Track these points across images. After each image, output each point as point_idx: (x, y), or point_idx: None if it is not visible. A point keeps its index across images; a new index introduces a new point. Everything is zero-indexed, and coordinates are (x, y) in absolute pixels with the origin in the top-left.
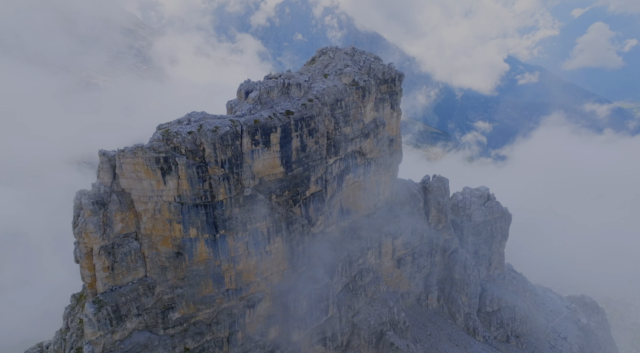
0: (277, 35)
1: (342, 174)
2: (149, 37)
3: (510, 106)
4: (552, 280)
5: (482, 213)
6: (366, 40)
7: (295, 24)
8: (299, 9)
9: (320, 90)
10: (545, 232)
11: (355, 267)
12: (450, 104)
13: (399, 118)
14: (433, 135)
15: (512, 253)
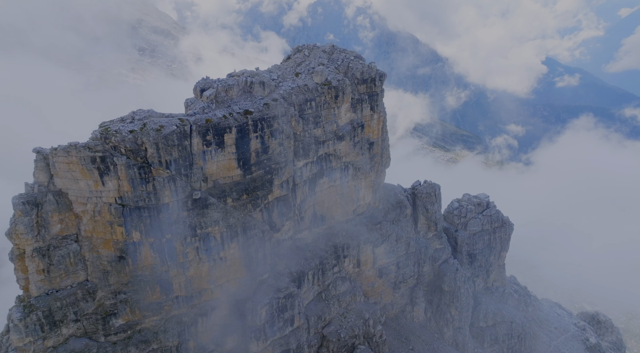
0: (308, 35)
1: (315, 178)
2: (180, 36)
3: (547, 109)
4: (570, 296)
5: (479, 222)
6: (398, 40)
7: (327, 24)
8: (331, 9)
9: (288, 90)
10: (564, 245)
11: (330, 276)
12: (481, 106)
13: (381, 120)
14: (463, 138)
15: (528, 266)
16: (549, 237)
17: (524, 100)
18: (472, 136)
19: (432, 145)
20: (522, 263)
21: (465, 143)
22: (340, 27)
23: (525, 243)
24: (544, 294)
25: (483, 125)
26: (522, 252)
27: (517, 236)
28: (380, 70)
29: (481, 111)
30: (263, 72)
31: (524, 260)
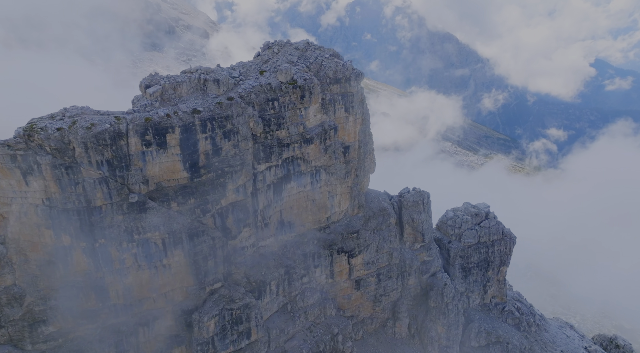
0: (346, 34)
1: (280, 183)
2: (215, 35)
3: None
4: (593, 318)
5: (475, 234)
6: (437, 40)
7: (365, 24)
8: (369, 9)
9: (248, 88)
10: (590, 262)
11: (298, 286)
12: (520, 109)
13: (358, 123)
14: (499, 141)
15: (550, 284)
16: (573, 253)
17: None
18: (509, 140)
19: (466, 149)
20: (544, 280)
21: (501, 147)
22: (378, 27)
23: (547, 258)
24: (564, 314)
25: (521, 128)
26: (544, 267)
27: (538, 250)
28: (357, 69)
29: (520, 114)
30: (221, 69)
31: (546, 276)
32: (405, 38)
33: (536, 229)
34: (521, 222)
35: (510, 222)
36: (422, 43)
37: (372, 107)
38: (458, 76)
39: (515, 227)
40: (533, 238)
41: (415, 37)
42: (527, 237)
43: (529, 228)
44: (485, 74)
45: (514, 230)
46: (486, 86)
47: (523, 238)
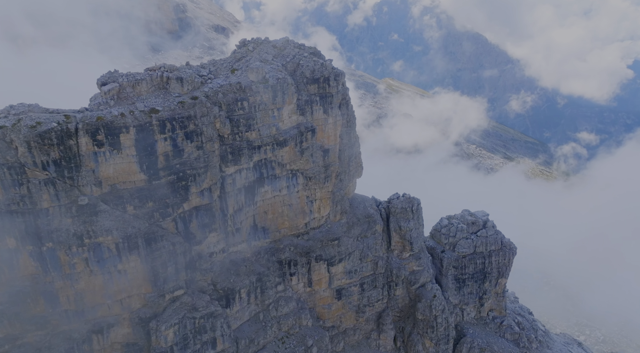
0: (372, 34)
1: (253, 186)
2: (237, 34)
3: (631, 117)
4: (610, 336)
5: (471, 243)
6: (466, 40)
7: (392, 24)
8: (397, 8)
9: (215, 87)
10: (610, 277)
11: (272, 295)
12: (550, 112)
13: (339, 125)
14: (527, 145)
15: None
16: (592, 265)
17: (603, 106)
18: (537, 143)
19: (491, 152)
20: (559, 294)
21: (529, 150)
22: (405, 27)
23: (564, 270)
24: (580, 331)
25: (550, 132)
26: (560, 280)
27: (555, 261)
28: (338, 69)
29: (550, 117)
30: (189, 67)
31: (562, 289)
32: (433, 38)
33: (553, 239)
34: (537, 231)
35: (524, 230)
36: (450, 43)
37: (394, 107)
38: (486, 77)
39: (530, 235)
40: (549, 249)
41: (442, 37)
42: (543, 247)
43: (545, 238)
44: (515, 75)
45: (529, 239)
46: (515, 88)
47: (538, 248)
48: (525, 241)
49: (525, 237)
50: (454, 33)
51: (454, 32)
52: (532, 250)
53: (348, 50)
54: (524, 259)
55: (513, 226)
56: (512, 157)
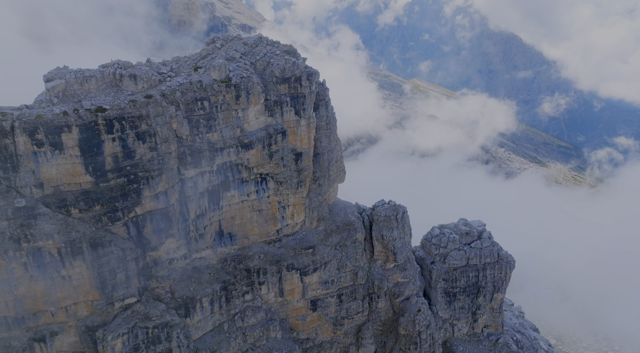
0: (403, 34)
1: (217, 190)
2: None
3: None
4: None
5: (463, 255)
6: (500, 41)
7: (423, 24)
8: (428, 8)
9: (173, 86)
10: (633, 294)
11: (238, 304)
12: (586, 115)
13: (313, 127)
14: (559, 149)
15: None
16: (614, 281)
17: None
18: (570, 147)
19: (521, 156)
20: (577, 310)
21: (561, 155)
22: (437, 27)
23: (582, 285)
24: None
25: (585, 136)
26: (578, 295)
27: (573, 275)
28: (311, 68)
29: (585, 120)
30: (147, 64)
31: (580, 306)
32: (465, 38)
33: (571, 251)
34: (553, 242)
35: (540, 240)
36: (483, 44)
37: (420, 108)
38: (520, 79)
39: (546, 246)
40: (566, 261)
41: (475, 37)
42: (560, 259)
43: (563, 249)
44: (550, 77)
45: (544, 249)
46: (550, 90)
47: (555, 259)
48: (541, 252)
49: (541, 247)
50: (487, 33)
51: (487, 32)
52: (548, 261)
53: (378, 50)
54: (540, 270)
55: (528, 235)
56: (542, 162)
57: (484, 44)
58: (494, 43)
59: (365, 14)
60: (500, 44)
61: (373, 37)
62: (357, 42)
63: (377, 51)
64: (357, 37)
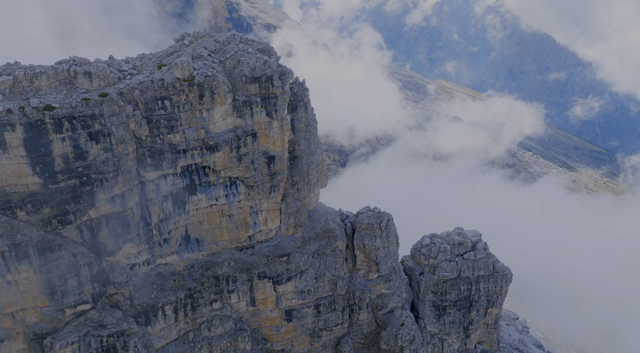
0: (431, 34)
1: (182, 194)
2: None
3: None
4: None
5: (454, 267)
6: (532, 41)
7: (452, 24)
8: (458, 8)
9: (133, 84)
10: None
11: (206, 313)
12: (622, 119)
13: (285, 130)
14: (591, 154)
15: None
16: (634, 299)
17: None
18: (603, 152)
19: (549, 160)
20: (597, 327)
21: (593, 160)
22: (466, 27)
23: (599, 299)
24: None
25: (619, 140)
26: (595, 310)
27: (589, 289)
28: (285, 67)
29: (620, 124)
30: (107, 61)
31: (596, 322)
32: (496, 38)
33: (589, 263)
34: (570, 252)
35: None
36: (514, 44)
37: (443, 110)
38: (552, 80)
39: (562, 257)
40: (584, 274)
41: (506, 37)
42: (577, 272)
43: (580, 261)
44: (585, 79)
45: (560, 260)
46: (584, 92)
47: (570, 272)
48: (556, 263)
49: (556, 258)
50: (518, 33)
51: (518, 32)
52: (564, 273)
53: (405, 50)
54: (554, 282)
55: (543, 245)
56: (572, 167)
57: (515, 45)
58: (525, 43)
59: (394, 14)
60: (532, 44)
61: (400, 37)
62: (379, 41)
63: (404, 51)
64: (379, 36)
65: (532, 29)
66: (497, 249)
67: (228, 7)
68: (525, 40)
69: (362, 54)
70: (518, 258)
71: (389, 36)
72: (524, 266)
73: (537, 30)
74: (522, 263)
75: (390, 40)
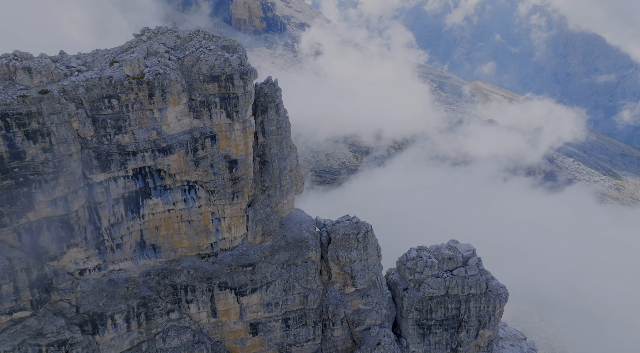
0: (472, 34)
1: (136, 197)
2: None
3: None
4: None
5: (442, 283)
6: (580, 42)
7: (494, 23)
8: (502, 7)
9: (78, 81)
10: None
11: (161, 323)
12: None
13: (249, 132)
14: None
15: None
16: None
17: None
18: None
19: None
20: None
21: None
22: (509, 27)
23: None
24: None
25: None
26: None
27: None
28: (248, 66)
29: None
30: (57, 56)
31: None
32: (541, 39)
33: (611, 283)
34: (593, 269)
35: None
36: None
37: (479, 112)
38: (601, 83)
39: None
40: (606, 296)
41: (552, 38)
42: (598, 292)
43: (603, 278)
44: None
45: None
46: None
47: (590, 292)
48: (576, 279)
49: (577, 274)
50: (565, 33)
51: (565, 33)
52: (584, 291)
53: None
54: (574, 300)
55: (564, 259)
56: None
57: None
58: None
59: (434, 14)
60: (580, 45)
61: (440, 36)
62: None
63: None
64: (410, 35)
65: (580, 29)
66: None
67: (263, 7)
68: (572, 41)
69: (393, 54)
70: (538, 272)
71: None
72: (543, 281)
73: (586, 30)
74: (542, 278)
75: (429, 40)
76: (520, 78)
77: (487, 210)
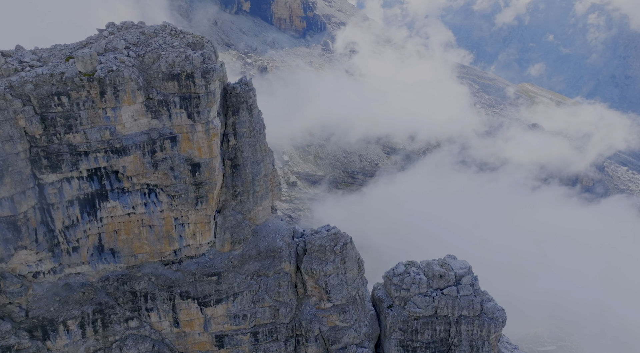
0: (523, 34)
1: (92, 200)
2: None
3: None
4: None
5: (429, 302)
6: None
7: (548, 23)
8: (556, 6)
9: (27, 77)
10: None
11: (119, 331)
12: None
13: (213, 134)
14: None
15: None
16: None
17: None
18: None
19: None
20: None
21: None
22: (564, 27)
23: None
24: None
25: None
26: None
27: None
28: (211, 64)
29: None
30: (13, 51)
31: None
32: (598, 40)
33: None
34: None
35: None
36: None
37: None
38: None
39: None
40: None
41: (611, 38)
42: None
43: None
44: None
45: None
46: None
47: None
48: (606, 301)
49: (605, 295)
50: (627, 34)
51: (627, 33)
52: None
53: (492, 51)
54: (603, 324)
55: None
56: None
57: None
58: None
59: (483, 13)
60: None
61: (490, 36)
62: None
63: (491, 52)
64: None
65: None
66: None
67: (303, 6)
68: (634, 42)
69: (431, 53)
70: (564, 290)
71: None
72: (569, 300)
73: None
74: (568, 296)
75: (476, 40)
76: (573, 81)
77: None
